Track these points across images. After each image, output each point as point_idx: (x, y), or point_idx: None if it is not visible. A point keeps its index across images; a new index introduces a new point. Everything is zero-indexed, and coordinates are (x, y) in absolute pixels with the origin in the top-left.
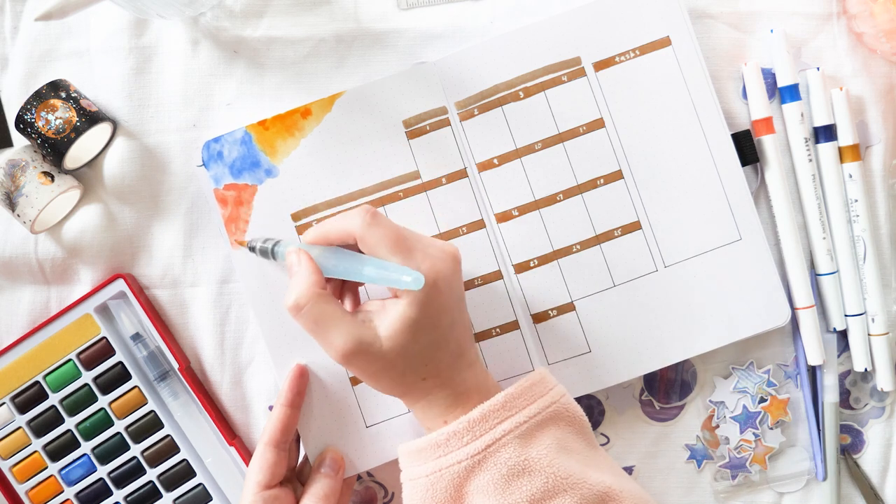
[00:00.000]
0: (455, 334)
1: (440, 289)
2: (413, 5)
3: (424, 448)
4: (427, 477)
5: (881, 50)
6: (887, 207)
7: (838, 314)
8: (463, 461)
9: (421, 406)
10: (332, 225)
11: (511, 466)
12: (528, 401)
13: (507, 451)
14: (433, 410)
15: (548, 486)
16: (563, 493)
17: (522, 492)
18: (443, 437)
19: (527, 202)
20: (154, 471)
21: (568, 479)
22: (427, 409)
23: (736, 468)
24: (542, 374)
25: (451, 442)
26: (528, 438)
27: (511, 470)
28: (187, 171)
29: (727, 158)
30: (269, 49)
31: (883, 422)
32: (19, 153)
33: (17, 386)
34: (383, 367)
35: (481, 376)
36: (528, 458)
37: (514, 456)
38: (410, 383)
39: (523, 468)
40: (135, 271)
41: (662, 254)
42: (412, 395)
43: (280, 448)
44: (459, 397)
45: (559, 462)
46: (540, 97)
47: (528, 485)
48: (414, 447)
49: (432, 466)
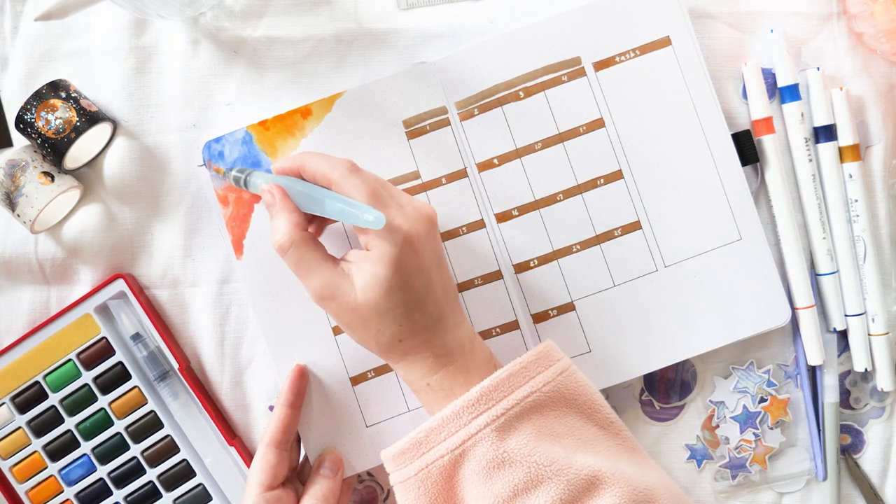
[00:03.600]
0: (433, 297)
1: (414, 249)
2: (413, 5)
3: (407, 448)
4: (416, 476)
5: (881, 50)
6: (887, 207)
7: (838, 314)
8: (445, 455)
9: (402, 367)
10: (310, 162)
11: (490, 460)
12: (505, 392)
13: (484, 446)
14: (414, 372)
15: (530, 475)
16: (547, 481)
17: (505, 483)
18: (422, 434)
19: (527, 202)
20: (154, 471)
21: (551, 465)
22: (408, 369)
23: (736, 468)
24: (524, 364)
25: (430, 438)
26: (505, 430)
27: (490, 463)
28: (187, 171)
29: (727, 158)
30: (269, 49)
31: (883, 422)
32: (19, 153)
33: (17, 386)
34: (357, 318)
35: (466, 338)
36: (506, 450)
37: (492, 450)
38: (386, 343)
39: (502, 460)
40: (135, 271)
41: (662, 254)
42: (391, 355)
43: (281, 448)
44: (440, 359)
45: (540, 450)
46: (540, 97)
47: (509, 476)
48: (397, 450)
49: (418, 465)
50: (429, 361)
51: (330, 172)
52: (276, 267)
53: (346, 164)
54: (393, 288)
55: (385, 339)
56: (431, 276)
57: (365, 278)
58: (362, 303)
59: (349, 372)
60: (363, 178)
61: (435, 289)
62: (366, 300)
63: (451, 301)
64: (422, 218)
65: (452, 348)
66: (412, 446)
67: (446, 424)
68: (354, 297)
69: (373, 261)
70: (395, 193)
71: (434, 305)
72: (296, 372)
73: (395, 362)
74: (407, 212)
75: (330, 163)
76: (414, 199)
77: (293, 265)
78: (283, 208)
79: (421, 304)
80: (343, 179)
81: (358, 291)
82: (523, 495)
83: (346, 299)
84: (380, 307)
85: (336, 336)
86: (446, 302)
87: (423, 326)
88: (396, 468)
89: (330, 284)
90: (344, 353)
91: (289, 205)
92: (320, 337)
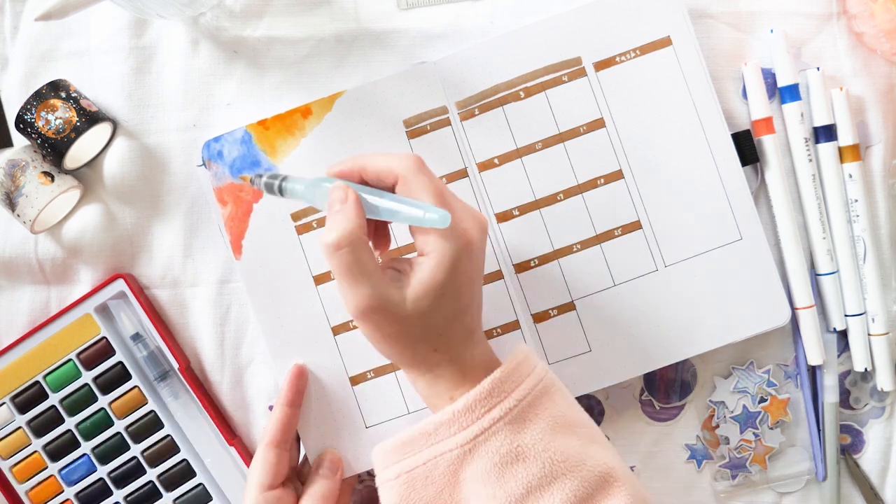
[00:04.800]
0: (473, 309)
1: (472, 255)
2: (413, 5)
3: (416, 437)
4: (424, 465)
5: (881, 50)
6: (887, 207)
7: (838, 314)
8: (454, 450)
9: (427, 380)
10: (372, 159)
11: (503, 454)
12: (516, 382)
13: (499, 440)
14: (440, 386)
15: (545, 471)
16: (561, 478)
17: (518, 479)
18: (431, 426)
19: (527, 202)
20: (154, 471)
21: (566, 461)
22: (434, 383)
23: (736, 468)
24: (525, 353)
25: (440, 431)
26: (520, 423)
27: (504, 458)
28: (187, 171)
29: (727, 158)
30: (269, 49)
31: (883, 422)
32: (19, 153)
33: (17, 386)
34: (400, 329)
35: (488, 354)
36: (520, 444)
37: (506, 444)
38: (422, 353)
39: (517, 455)
40: (135, 271)
41: (663, 253)
42: (420, 366)
43: (281, 448)
44: (467, 374)
45: (555, 445)
46: (540, 97)
47: (523, 472)
48: (406, 437)
49: (428, 454)
50: (456, 376)
51: (397, 167)
52: (275, 267)
53: (413, 157)
54: (446, 295)
55: (421, 350)
56: (476, 288)
57: (419, 285)
58: (412, 312)
59: (349, 372)
60: (430, 175)
61: (476, 301)
62: (416, 309)
63: (481, 315)
64: (479, 225)
65: (477, 363)
66: (422, 436)
67: (458, 419)
68: (404, 308)
69: (431, 266)
70: (457, 198)
71: (472, 318)
72: (295, 371)
73: (422, 374)
74: (467, 216)
75: (396, 158)
76: (468, 206)
77: (342, 268)
78: (351, 208)
79: (462, 315)
80: (411, 174)
81: (409, 301)
82: (536, 493)
83: (394, 310)
84: (427, 315)
85: (335, 336)
86: (479, 315)
87: (459, 338)
88: (403, 457)
89: (379, 294)
90: (343, 352)
91: (359, 208)
92: (320, 337)
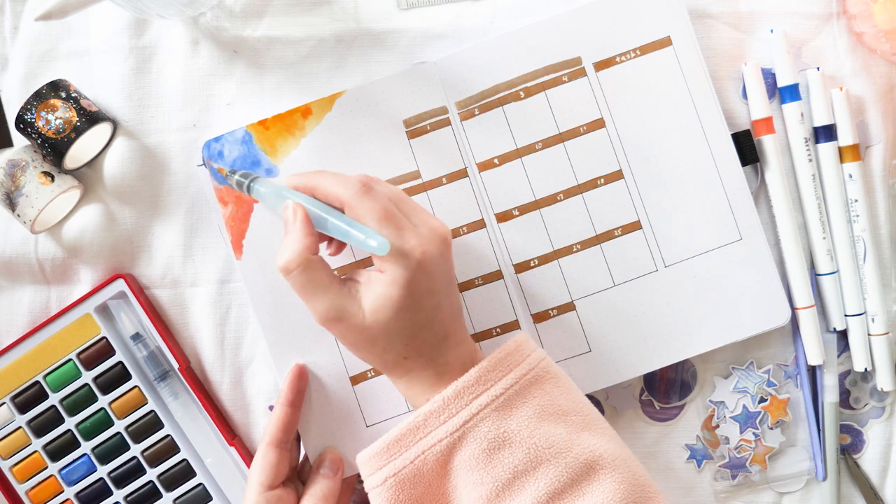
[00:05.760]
0: (440, 317)
1: (427, 271)
2: (413, 5)
3: (405, 434)
4: (412, 463)
5: (881, 50)
6: (887, 207)
7: (838, 314)
8: (444, 439)
9: (403, 382)
10: (322, 183)
11: (491, 440)
12: (505, 371)
13: (486, 425)
14: (416, 388)
15: (529, 456)
16: (545, 463)
17: (505, 465)
18: (420, 418)
19: (527, 202)
20: (154, 471)
21: (551, 448)
22: (409, 385)
23: (736, 468)
24: (518, 342)
25: (429, 421)
26: (506, 410)
27: (491, 444)
28: (187, 171)
29: (727, 158)
30: (269, 49)
31: (883, 422)
32: (19, 153)
33: (17, 386)
34: (364, 339)
35: (469, 355)
36: (507, 430)
37: (493, 429)
38: (392, 360)
39: (503, 440)
40: (135, 271)
41: (662, 254)
42: (394, 371)
43: (282, 448)
44: (443, 376)
45: (541, 431)
46: (540, 97)
47: (509, 457)
48: (392, 437)
49: (416, 450)
50: (431, 379)
51: (342, 194)
52: (275, 267)
53: (358, 184)
54: (403, 309)
55: (391, 358)
56: (441, 297)
57: (375, 300)
58: (371, 324)
59: (349, 371)
60: (376, 198)
61: (443, 308)
62: (375, 321)
63: (456, 319)
64: (435, 239)
65: (455, 366)
66: (411, 431)
67: (447, 405)
68: (362, 319)
69: (385, 283)
70: (411, 211)
71: (440, 325)
72: (295, 371)
73: (398, 378)
74: (421, 232)
75: (343, 183)
76: (430, 217)
77: (297, 288)
78: (299, 229)
79: (429, 324)
80: (355, 201)
81: (367, 313)
82: (522, 477)
83: (353, 321)
84: (388, 327)
85: None
86: (452, 320)
87: (429, 345)
88: (389, 460)
89: (336, 307)
90: (344, 352)
91: (306, 227)
92: (320, 337)
